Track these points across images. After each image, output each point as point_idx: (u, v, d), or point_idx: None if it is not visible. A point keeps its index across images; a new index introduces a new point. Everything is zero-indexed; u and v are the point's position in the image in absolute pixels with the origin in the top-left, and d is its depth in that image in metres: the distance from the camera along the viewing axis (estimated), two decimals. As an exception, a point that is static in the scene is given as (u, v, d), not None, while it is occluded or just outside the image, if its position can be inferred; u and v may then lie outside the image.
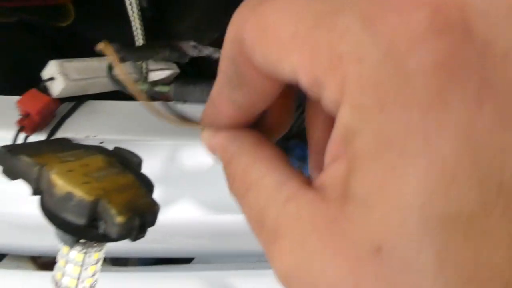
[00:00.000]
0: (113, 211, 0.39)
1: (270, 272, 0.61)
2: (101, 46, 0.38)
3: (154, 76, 0.49)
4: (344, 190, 0.17)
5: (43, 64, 0.49)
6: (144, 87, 0.44)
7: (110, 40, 0.44)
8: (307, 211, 0.18)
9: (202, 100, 0.43)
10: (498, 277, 0.15)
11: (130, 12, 0.44)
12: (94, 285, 0.47)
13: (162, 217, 0.58)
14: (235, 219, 0.64)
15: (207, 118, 0.26)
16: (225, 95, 0.23)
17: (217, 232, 0.67)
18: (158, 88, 0.47)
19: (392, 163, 0.15)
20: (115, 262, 0.76)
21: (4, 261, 0.70)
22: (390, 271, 0.15)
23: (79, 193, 0.39)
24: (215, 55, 0.50)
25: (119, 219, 0.38)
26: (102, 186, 0.40)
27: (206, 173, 0.53)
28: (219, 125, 0.25)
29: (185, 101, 0.44)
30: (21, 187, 0.53)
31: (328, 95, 0.17)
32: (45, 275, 0.63)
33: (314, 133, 0.26)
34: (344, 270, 0.16)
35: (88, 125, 0.50)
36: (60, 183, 0.39)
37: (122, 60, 0.42)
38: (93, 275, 0.46)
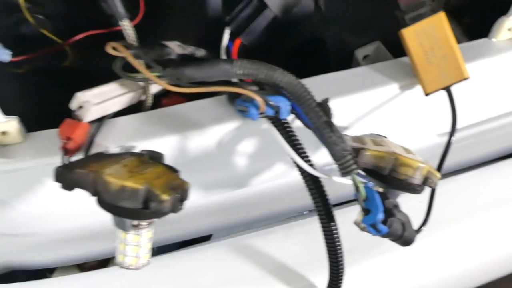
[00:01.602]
0: (158, 192, 0.51)
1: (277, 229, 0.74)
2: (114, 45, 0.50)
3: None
4: None
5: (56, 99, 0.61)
6: (140, 74, 0.56)
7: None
8: None
9: (192, 78, 0.54)
10: None
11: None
12: (150, 261, 0.59)
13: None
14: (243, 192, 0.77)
15: None
16: None
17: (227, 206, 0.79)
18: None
19: None
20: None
21: (55, 273, 0.81)
22: None
23: (130, 184, 0.51)
24: (198, 53, 0.61)
25: (165, 197, 0.51)
26: (144, 177, 0.52)
27: (209, 156, 0.65)
28: None
29: (179, 79, 0.54)
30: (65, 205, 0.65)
31: None
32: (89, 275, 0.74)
33: None
34: None
35: (114, 138, 0.61)
36: (113, 181, 0.51)
37: (136, 56, 0.54)
38: (148, 252, 0.58)
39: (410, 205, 0.63)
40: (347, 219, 0.61)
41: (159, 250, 0.87)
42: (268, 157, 0.70)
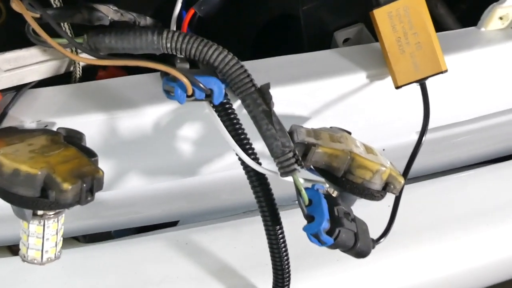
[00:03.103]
0: (58, 179, 0.43)
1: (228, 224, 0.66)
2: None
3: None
4: None
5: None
6: (63, 40, 0.48)
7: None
8: None
9: (113, 47, 0.46)
10: None
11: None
12: (59, 255, 0.51)
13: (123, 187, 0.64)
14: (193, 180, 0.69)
15: None
16: None
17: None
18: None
19: None
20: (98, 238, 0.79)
21: (-18, 254, 0.74)
22: None
23: (25, 168, 0.43)
24: (140, 21, 0.53)
25: (65, 186, 0.43)
26: (46, 160, 0.44)
27: (146, 140, 0.57)
28: None
29: (97, 49, 0.46)
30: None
31: None
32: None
33: None
34: None
35: (32, 112, 0.53)
36: (7, 162, 0.44)
37: (39, 19, 0.45)
38: (56, 245, 0.50)
39: (376, 208, 0.55)
40: (299, 219, 0.53)
41: (116, 233, 0.81)
42: (215, 144, 0.62)
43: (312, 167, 0.53)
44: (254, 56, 0.59)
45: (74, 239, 0.76)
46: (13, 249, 0.76)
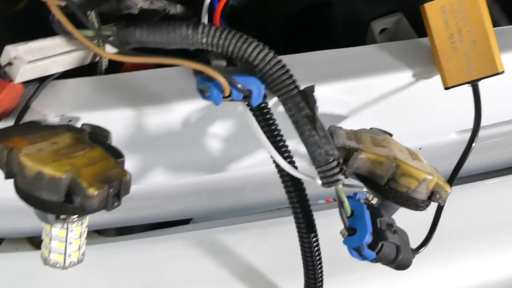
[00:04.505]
0: (84, 184, 0.40)
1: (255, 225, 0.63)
2: None
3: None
4: None
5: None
6: (89, 32, 0.44)
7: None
8: None
9: (144, 42, 0.43)
10: None
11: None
12: (82, 258, 0.49)
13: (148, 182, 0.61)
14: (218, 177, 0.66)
15: None
16: None
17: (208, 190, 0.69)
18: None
19: None
20: (120, 232, 0.77)
21: (3, 245, 0.72)
22: None
23: (49, 171, 0.40)
24: (171, 9, 0.49)
25: (91, 191, 0.40)
26: (71, 162, 0.41)
27: (174, 137, 0.54)
28: None
29: (127, 43, 0.43)
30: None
31: None
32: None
33: None
34: None
35: (55, 105, 0.50)
36: (30, 164, 0.40)
37: (65, 8, 0.42)
38: (79, 248, 0.48)
39: (411, 213, 0.51)
40: (334, 220, 0.49)
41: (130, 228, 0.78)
42: (246, 141, 0.58)
43: (352, 173, 0.49)
44: (283, 47, 0.55)
45: (95, 233, 0.74)
46: (33, 242, 0.74)
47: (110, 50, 0.52)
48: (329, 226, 0.54)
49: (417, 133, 0.65)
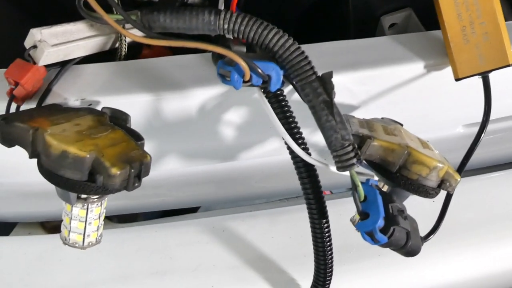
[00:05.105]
0: (107, 164, 0.41)
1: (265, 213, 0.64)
2: None
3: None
4: None
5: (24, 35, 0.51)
6: (114, 17, 0.45)
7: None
8: None
9: (167, 27, 0.44)
10: None
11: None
12: (100, 239, 0.50)
13: (160, 169, 0.62)
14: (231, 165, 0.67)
15: None
16: None
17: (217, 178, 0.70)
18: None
19: None
20: (121, 219, 0.78)
21: (16, 229, 0.73)
22: None
23: (74, 150, 0.41)
24: None
25: (114, 170, 0.41)
26: (94, 143, 0.43)
27: (190, 123, 0.55)
28: None
29: (150, 27, 0.44)
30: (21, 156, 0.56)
31: None
32: (54, 237, 0.66)
33: None
34: None
35: (76, 89, 0.51)
36: (55, 143, 0.42)
37: None
38: (97, 229, 0.49)
39: (419, 202, 0.53)
40: (344, 210, 0.51)
41: (138, 216, 0.80)
42: (259, 130, 0.59)
43: (364, 160, 0.50)
44: (296, 39, 0.57)
45: (106, 219, 0.75)
46: (45, 226, 0.75)
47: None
48: (337, 215, 0.55)
49: (426, 125, 0.66)
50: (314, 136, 0.55)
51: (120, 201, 0.72)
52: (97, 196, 0.46)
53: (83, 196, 0.46)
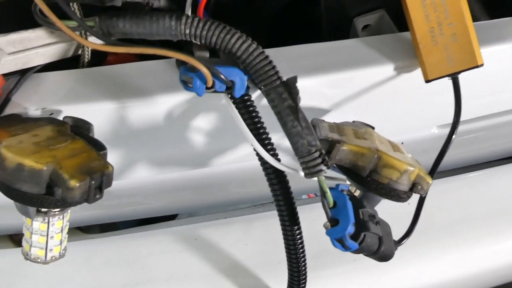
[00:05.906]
0: (66, 176, 0.40)
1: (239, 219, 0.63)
2: None
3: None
4: None
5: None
6: (72, 23, 0.44)
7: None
8: None
9: (127, 33, 0.43)
10: None
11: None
12: (64, 253, 0.48)
13: (131, 177, 0.60)
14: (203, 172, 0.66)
15: None
16: None
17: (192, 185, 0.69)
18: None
19: None
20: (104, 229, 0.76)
21: (-17, 242, 0.71)
22: None
23: (29, 163, 0.40)
24: (154, 2, 0.49)
25: (73, 183, 0.40)
26: (52, 154, 0.41)
27: (157, 130, 0.54)
28: None
29: (110, 34, 0.43)
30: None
31: None
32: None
33: None
34: None
35: (36, 98, 0.50)
36: (10, 156, 0.40)
37: None
38: (60, 243, 0.47)
39: (393, 206, 0.52)
40: (318, 215, 0.50)
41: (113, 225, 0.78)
42: (230, 136, 0.58)
43: (335, 165, 0.49)
44: (268, 42, 0.56)
45: (77, 229, 0.73)
46: (14, 239, 0.73)
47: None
48: (312, 220, 0.54)
49: (399, 127, 0.65)
50: (286, 141, 0.54)
51: (95, 211, 0.70)
52: (57, 209, 0.44)
53: (44, 209, 0.44)
